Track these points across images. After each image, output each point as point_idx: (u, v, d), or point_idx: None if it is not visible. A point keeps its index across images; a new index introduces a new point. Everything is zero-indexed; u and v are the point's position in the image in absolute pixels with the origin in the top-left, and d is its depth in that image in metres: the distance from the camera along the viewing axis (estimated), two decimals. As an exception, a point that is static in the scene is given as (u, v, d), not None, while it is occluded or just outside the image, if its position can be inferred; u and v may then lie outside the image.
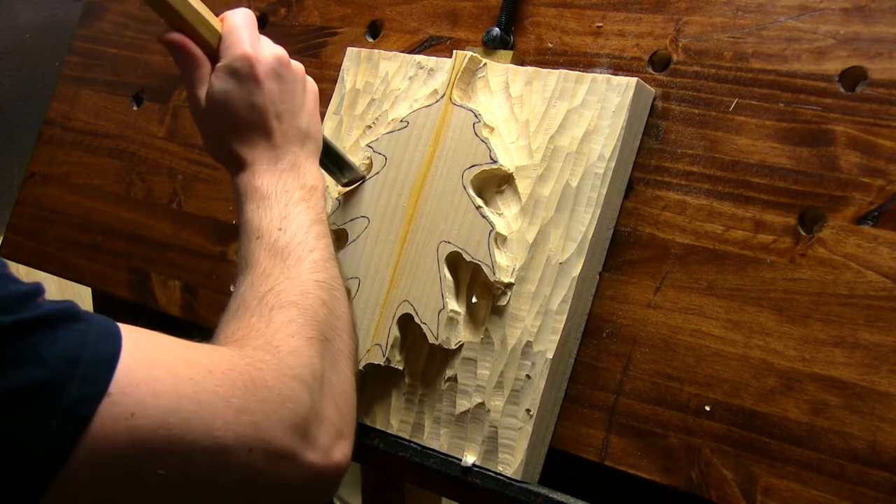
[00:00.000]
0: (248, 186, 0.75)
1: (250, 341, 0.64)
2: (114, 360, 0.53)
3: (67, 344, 0.52)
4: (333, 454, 0.63)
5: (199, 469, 0.56)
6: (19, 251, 1.23)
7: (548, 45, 0.87)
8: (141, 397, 0.53)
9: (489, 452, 0.77)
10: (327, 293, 0.70)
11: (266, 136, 0.76)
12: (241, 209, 0.75)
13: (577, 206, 0.77)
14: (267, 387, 0.60)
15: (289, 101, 0.77)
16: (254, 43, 0.75)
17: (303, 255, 0.71)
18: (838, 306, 0.69)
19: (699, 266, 0.75)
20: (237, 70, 0.74)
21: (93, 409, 0.52)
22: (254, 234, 0.72)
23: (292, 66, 0.78)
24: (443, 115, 0.84)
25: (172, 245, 1.08)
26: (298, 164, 0.77)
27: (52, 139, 1.25)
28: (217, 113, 0.75)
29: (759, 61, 0.76)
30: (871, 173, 0.70)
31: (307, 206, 0.75)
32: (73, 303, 0.55)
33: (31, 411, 0.50)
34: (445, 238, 0.81)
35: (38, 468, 0.51)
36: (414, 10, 0.97)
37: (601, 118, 0.78)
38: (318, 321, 0.68)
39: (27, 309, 0.51)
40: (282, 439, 0.60)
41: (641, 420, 0.74)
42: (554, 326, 0.76)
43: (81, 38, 1.27)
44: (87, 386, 0.52)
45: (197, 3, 0.74)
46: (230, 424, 0.57)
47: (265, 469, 0.59)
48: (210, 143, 0.79)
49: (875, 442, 0.65)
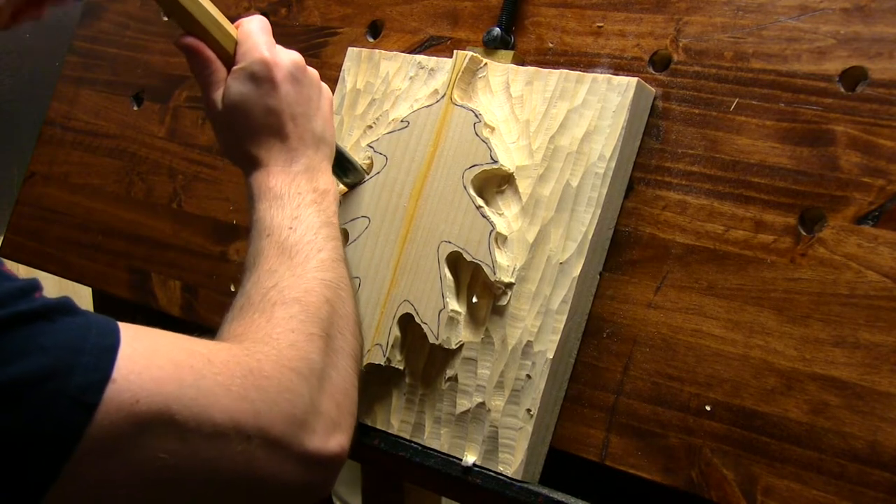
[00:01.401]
0: (262, 186, 0.76)
1: (250, 335, 0.65)
2: (115, 349, 0.54)
3: (68, 335, 0.53)
4: (330, 445, 0.64)
5: (199, 456, 0.57)
6: (19, 251, 1.23)
7: (548, 45, 0.87)
8: (144, 384, 0.54)
9: (490, 452, 0.77)
10: (332, 292, 0.71)
11: (281, 139, 0.77)
12: (253, 208, 0.76)
13: (577, 206, 0.77)
14: (266, 377, 0.61)
15: (304, 105, 0.78)
16: (271, 48, 0.77)
17: (310, 255, 0.72)
18: (839, 306, 0.69)
19: (699, 266, 0.75)
20: (255, 73, 0.76)
21: (98, 397, 0.52)
22: (264, 231, 0.73)
23: (308, 72, 0.80)
24: (443, 115, 0.84)
25: (172, 245, 1.08)
26: (312, 168, 0.78)
27: (52, 139, 1.25)
28: (233, 115, 0.76)
29: (759, 61, 0.76)
30: (872, 173, 0.70)
31: (318, 208, 0.75)
32: (69, 298, 0.55)
33: (35, 400, 0.50)
34: (446, 238, 0.81)
35: (46, 457, 0.51)
36: (414, 10, 0.97)
37: (602, 118, 0.78)
38: (321, 318, 0.68)
39: (24, 303, 0.52)
40: (279, 428, 0.61)
41: (642, 420, 0.74)
42: (554, 326, 0.76)
43: (81, 38, 1.27)
44: (91, 373, 0.52)
45: (212, 9, 0.75)
46: (230, 412, 0.58)
47: (262, 457, 0.60)
48: (226, 145, 0.80)
49: (875, 442, 0.65)
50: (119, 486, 0.55)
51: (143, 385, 0.54)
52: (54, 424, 0.51)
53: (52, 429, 0.51)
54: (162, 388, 0.55)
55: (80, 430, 0.51)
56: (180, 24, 0.75)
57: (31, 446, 0.50)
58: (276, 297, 0.68)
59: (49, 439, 0.51)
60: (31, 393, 0.50)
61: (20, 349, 0.51)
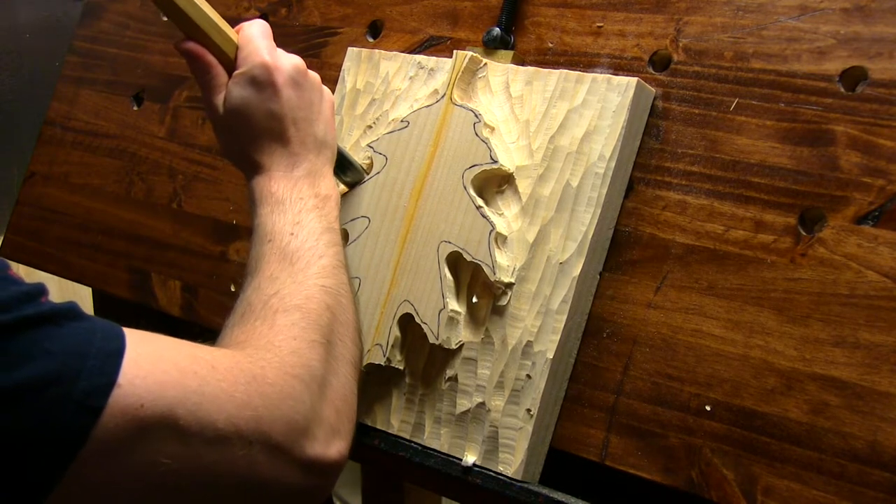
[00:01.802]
0: (264, 191, 0.76)
1: (253, 342, 0.66)
2: (120, 353, 0.54)
3: (73, 339, 0.53)
4: (330, 451, 0.64)
5: (201, 460, 0.57)
6: (19, 251, 1.23)
7: (548, 45, 0.87)
8: (149, 388, 0.54)
9: (490, 452, 0.77)
10: (333, 298, 0.71)
11: (283, 143, 0.77)
12: (254, 213, 0.76)
13: (577, 206, 0.77)
14: (268, 383, 0.61)
15: (306, 109, 0.78)
16: (272, 52, 0.77)
17: (311, 261, 0.72)
18: (839, 306, 0.69)
19: (699, 266, 0.75)
20: (256, 77, 0.76)
21: (103, 401, 0.52)
22: (266, 237, 0.73)
23: (310, 76, 0.80)
24: (443, 115, 0.84)
25: (172, 245, 1.08)
26: (314, 172, 0.78)
27: (52, 139, 1.25)
28: (235, 119, 0.76)
29: (759, 61, 0.76)
30: (872, 173, 0.70)
31: (320, 213, 0.76)
32: (75, 303, 0.56)
33: (41, 404, 0.50)
34: (446, 238, 0.81)
35: (49, 461, 0.51)
36: (414, 10, 0.97)
37: (601, 118, 0.78)
38: (322, 325, 0.69)
39: (30, 307, 0.52)
40: (281, 434, 0.61)
41: (642, 420, 0.74)
42: (554, 326, 0.76)
43: (81, 38, 1.27)
44: (97, 377, 0.52)
45: (213, 14, 0.75)
46: (232, 418, 0.58)
47: (264, 463, 0.60)
48: (227, 149, 0.80)
49: (875, 442, 0.65)
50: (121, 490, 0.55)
51: (148, 390, 0.54)
52: (59, 428, 0.51)
53: (57, 432, 0.51)
54: (166, 393, 0.55)
55: (85, 434, 0.52)
56: (181, 29, 0.75)
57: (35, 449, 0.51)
58: (277, 305, 0.68)
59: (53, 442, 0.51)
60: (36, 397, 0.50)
61: (27, 353, 0.51)
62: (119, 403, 0.53)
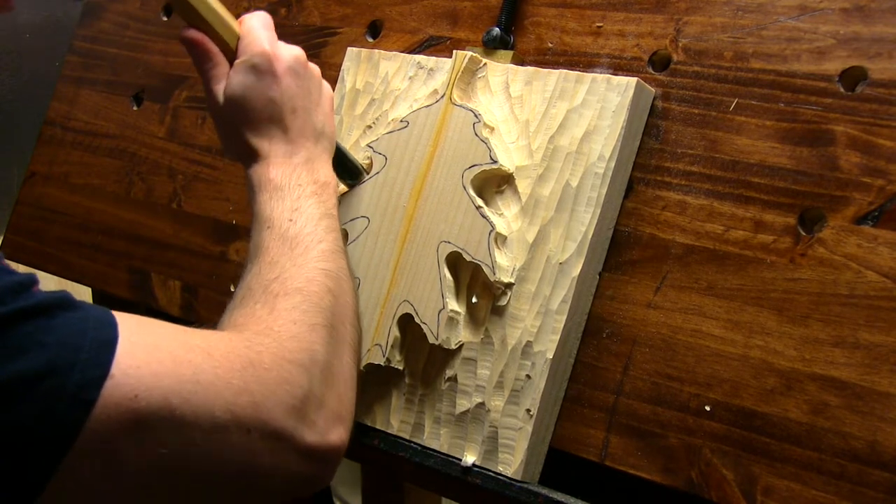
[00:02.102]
0: (262, 178, 0.76)
1: (252, 326, 0.65)
2: (113, 343, 0.54)
3: (66, 330, 0.53)
4: (330, 437, 0.64)
5: (199, 449, 0.57)
6: (19, 251, 1.23)
7: (548, 45, 0.87)
8: (143, 379, 0.54)
9: (489, 452, 0.77)
10: (333, 282, 0.71)
11: (282, 130, 0.77)
12: (253, 200, 0.76)
13: (577, 206, 0.77)
14: (265, 369, 0.61)
15: (305, 98, 0.79)
16: (272, 42, 0.78)
17: (311, 245, 0.72)
18: (838, 306, 0.69)
19: (699, 266, 0.75)
20: (256, 65, 0.76)
21: (96, 393, 0.52)
22: (265, 223, 0.74)
23: (310, 67, 0.80)
24: (443, 115, 0.84)
25: (172, 245, 1.08)
26: (312, 160, 0.78)
27: (52, 139, 1.25)
28: (235, 107, 0.77)
29: (759, 61, 0.76)
30: (871, 173, 0.70)
31: (318, 200, 0.76)
32: (67, 292, 0.55)
33: (34, 398, 0.50)
34: (445, 238, 0.81)
35: (43, 454, 0.51)
36: (414, 10, 0.97)
37: (601, 118, 0.78)
38: (323, 308, 0.68)
39: (22, 298, 0.52)
40: (279, 420, 0.61)
41: (641, 420, 0.74)
42: (554, 326, 0.76)
43: (81, 38, 1.27)
44: (90, 369, 0.52)
45: (217, 4, 0.76)
46: (229, 405, 0.58)
47: (263, 450, 0.60)
48: (226, 139, 0.80)
49: (875, 442, 0.65)
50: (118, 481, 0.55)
51: (142, 380, 0.54)
52: (53, 421, 0.51)
53: (51, 426, 0.51)
54: (161, 382, 0.55)
55: (79, 427, 0.51)
56: (184, 19, 0.76)
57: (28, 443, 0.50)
58: (277, 289, 0.68)
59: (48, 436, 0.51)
60: (30, 391, 0.50)
61: (19, 346, 0.50)
62: (112, 395, 0.52)
